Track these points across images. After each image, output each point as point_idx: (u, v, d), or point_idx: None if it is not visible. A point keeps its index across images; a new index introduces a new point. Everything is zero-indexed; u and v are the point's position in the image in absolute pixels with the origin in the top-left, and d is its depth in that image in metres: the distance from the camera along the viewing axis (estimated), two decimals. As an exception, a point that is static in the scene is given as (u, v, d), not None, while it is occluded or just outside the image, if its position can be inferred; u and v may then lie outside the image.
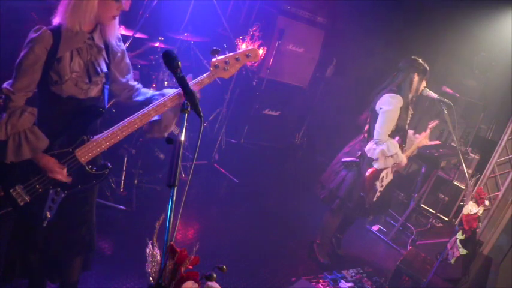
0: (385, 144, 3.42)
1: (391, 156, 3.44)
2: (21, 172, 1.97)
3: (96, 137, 2.05)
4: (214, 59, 2.12)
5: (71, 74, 1.95)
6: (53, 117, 2.01)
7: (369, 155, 3.48)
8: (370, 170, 3.51)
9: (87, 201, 2.23)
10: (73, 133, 2.02)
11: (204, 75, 2.14)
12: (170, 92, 2.11)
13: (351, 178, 3.61)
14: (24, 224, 2.08)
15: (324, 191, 3.78)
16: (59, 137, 2.00)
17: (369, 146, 3.48)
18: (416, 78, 3.51)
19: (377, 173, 3.53)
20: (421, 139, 3.89)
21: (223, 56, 2.14)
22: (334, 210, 3.75)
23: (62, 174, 1.99)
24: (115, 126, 2.05)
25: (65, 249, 2.19)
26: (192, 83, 2.08)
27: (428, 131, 3.99)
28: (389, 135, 3.48)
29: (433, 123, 4.06)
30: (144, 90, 2.27)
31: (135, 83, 2.29)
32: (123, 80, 2.22)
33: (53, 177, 1.98)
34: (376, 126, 3.45)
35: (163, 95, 2.14)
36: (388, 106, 3.41)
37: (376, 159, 3.46)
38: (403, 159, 3.54)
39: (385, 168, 3.54)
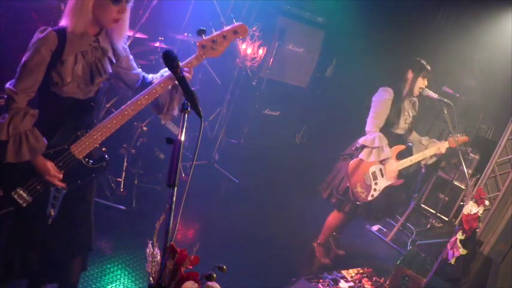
0: (373, 135, 3.47)
1: (376, 148, 3.46)
2: (20, 174, 1.97)
3: (90, 131, 2.05)
4: (200, 39, 2.07)
5: (73, 77, 1.95)
6: (50, 117, 2.00)
7: (357, 145, 3.58)
8: (354, 159, 3.56)
9: (85, 200, 2.23)
10: (67, 130, 2.03)
11: (192, 57, 2.10)
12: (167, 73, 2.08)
13: (344, 169, 3.65)
14: (25, 224, 2.07)
15: (322, 184, 3.86)
16: (54, 135, 2.01)
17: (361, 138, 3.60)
18: (410, 75, 3.58)
19: (361, 163, 3.53)
20: (438, 146, 3.70)
21: (209, 36, 2.08)
22: (336, 208, 3.77)
23: (58, 178, 2.00)
24: (107, 118, 2.05)
25: (64, 249, 2.19)
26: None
27: (447, 142, 3.75)
28: (385, 135, 3.50)
29: (458, 137, 3.76)
30: (146, 76, 2.26)
31: (139, 70, 2.27)
32: (130, 75, 2.21)
33: (48, 181, 1.99)
34: (368, 118, 3.58)
35: (162, 76, 2.13)
36: (378, 97, 3.58)
37: (362, 149, 3.51)
38: (389, 158, 3.51)
39: (373, 163, 3.53)
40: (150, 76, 2.25)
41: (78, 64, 1.95)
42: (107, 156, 2.15)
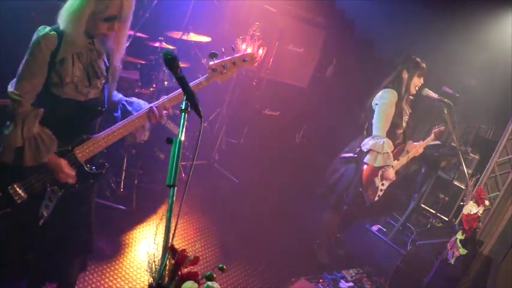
0: (382, 140, 3.44)
1: (382, 154, 3.43)
2: (18, 170, 1.95)
3: (95, 136, 2.05)
4: (211, 63, 2.19)
5: (72, 77, 1.95)
6: (52, 117, 2.00)
7: (363, 148, 3.52)
8: (367, 166, 3.52)
9: (86, 201, 2.22)
10: (73, 132, 2.03)
11: (202, 78, 2.20)
12: (138, 101, 2.20)
13: (349, 173, 3.62)
14: (21, 224, 2.06)
15: (323, 187, 3.81)
16: (59, 136, 2.00)
17: (365, 141, 3.53)
18: (405, 75, 3.55)
19: (375, 168, 3.53)
20: (426, 142, 3.87)
21: (220, 60, 2.21)
22: (333, 208, 3.77)
23: (72, 176, 1.99)
24: (114, 126, 2.07)
25: (64, 250, 2.18)
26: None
27: (432, 135, 3.95)
28: (388, 135, 3.49)
29: (437, 129, 4.01)
30: (115, 92, 2.28)
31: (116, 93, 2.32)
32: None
33: (60, 179, 1.97)
34: (374, 121, 3.51)
35: (130, 102, 2.22)
36: (383, 100, 3.51)
37: (367, 153, 3.48)
38: (391, 164, 3.51)
39: (382, 166, 3.53)
40: (118, 96, 2.27)
41: (75, 65, 1.95)
42: (106, 164, 2.16)
